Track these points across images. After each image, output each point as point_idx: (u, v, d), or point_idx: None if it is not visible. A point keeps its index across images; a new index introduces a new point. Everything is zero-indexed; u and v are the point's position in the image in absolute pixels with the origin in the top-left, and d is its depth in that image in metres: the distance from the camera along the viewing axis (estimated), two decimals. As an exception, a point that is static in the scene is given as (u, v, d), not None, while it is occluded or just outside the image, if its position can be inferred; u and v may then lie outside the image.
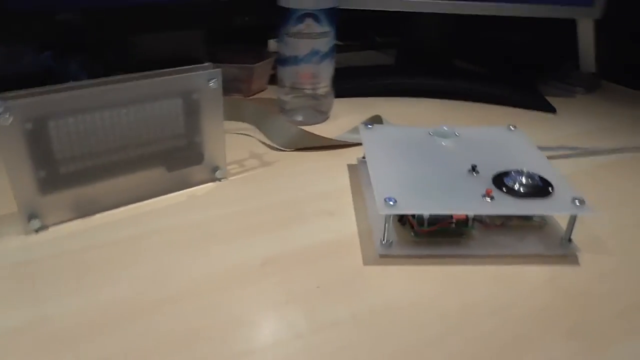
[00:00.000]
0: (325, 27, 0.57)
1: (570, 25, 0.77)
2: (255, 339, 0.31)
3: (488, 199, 0.38)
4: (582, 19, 0.74)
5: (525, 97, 0.71)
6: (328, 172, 0.51)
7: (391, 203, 0.37)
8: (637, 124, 0.66)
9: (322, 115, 0.63)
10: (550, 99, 0.72)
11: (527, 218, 0.42)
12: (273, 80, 0.74)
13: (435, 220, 0.39)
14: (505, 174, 0.41)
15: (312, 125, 0.61)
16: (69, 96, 0.39)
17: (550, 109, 0.69)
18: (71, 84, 0.40)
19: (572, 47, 0.79)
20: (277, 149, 0.55)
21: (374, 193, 0.39)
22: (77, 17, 0.56)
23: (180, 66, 0.44)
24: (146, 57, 0.71)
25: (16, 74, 0.62)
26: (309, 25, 0.56)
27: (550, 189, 0.40)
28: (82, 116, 0.40)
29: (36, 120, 0.38)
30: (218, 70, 0.45)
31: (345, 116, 0.65)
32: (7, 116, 0.36)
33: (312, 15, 0.56)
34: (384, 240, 0.39)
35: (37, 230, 0.41)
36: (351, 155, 0.54)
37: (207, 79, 0.44)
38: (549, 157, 0.48)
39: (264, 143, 0.57)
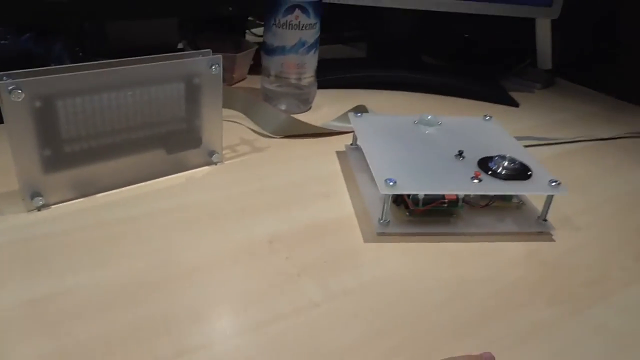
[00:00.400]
0: (313, 19, 0.60)
1: (527, 24, 0.82)
2: (274, 309, 0.34)
3: (476, 181, 0.42)
4: (541, 18, 0.80)
5: (491, 92, 0.77)
6: (318, 158, 0.54)
7: (391, 184, 0.40)
8: (589, 117, 0.73)
9: (305, 104, 0.65)
10: (511, 94, 0.77)
11: (507, 199, 0.46)
12: (252, 69, 0.75)
13: (429, 200, 0.42)
14: (489, 158, 0.45)
15: (296, 114, 0.63)
16: (78, 77, 0.39)
17: (514, 103, 0.75)
18: (79, 65, 0.40)
19: (528, 45, 0.85)
20: (266, 136, 0.57)
21: (374, 175, 0.42)
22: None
23: (155, 53, 0.44)
24: (124, 42, 0.71)
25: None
26: (297, 17, 0.58)
27: (529, 172, 0.44)
28: (89, 97, 0.41)
29: (45, 99, 0.38)
30: (219, 56, 0.46)
31: (326, 106, 0.67)
32: (20, 92, 0.36)
33: (301, 7, 0.58)
34: (382, 219, 0.42)
35: (39, 208, 0.41)
36: (338, 143, 0.57)
37: (209, 65, 0.46)
38: (522, 146, 0.53)
39: (253, 130, 0.58)
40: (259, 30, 0.90)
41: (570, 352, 0.33)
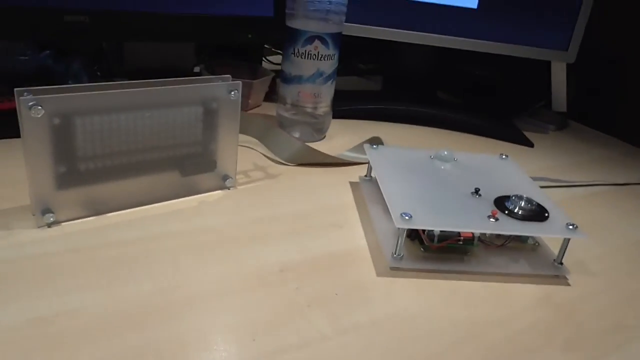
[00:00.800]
0: (332, 50, 0.60)
1: (543, 65, 0.83)
2: (283, 340, 0.33)
3: (493, 220, 0.41)
4: (557, 62, 0.81)
5: (505, 130, 0.76)
6: (332, 187, 0.53)
7: (407, 218, 0.39)
8: (605, 161, 0.72)
9: (319, 133, 0.65)
10: (526, 134, 0.77)
11: (523, 240, 0.45)
12: (267, 97, 0.76)
13: (444, 237, 0.41)
14: (506, 198, 0.45)
15: (310, 143, 0.63)
16: (98, 96, 0.40)
17: (528, 143, 0.74)
18: (99, 84, 0.40)
19: (544, 87, 0.85)
20: (280, 163, 0.57)
21: (390, 208, 0.41)
22: (80, 18, 0.56)
23: (171, 76, 0.45)
24: (141, 63, 0.72)
25: (14, 71, 0.61)
26: (316, 47, 0.59)
27: (546, 214, 0.43)
28: (107, 116, 0.41)
29: (64, 116, 0.39)
30: (239, 82, 0.46)
31: (340, 136, 0.67)
32: (40, 108, 0.37)
33: (320, 38, 0.59)
34: (395, 253, 0.41)
35: (49, 225, 0.41)
36: (352, 174, 0.56)
37: (228, 90, 0.46)
38: (538, 186, 0.52)
39: (267, 156, 0.58)
40: (275, 58, 0.92)
41: (588, 403, 0.31)
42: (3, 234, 0.39)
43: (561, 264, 0.44)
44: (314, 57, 0.59)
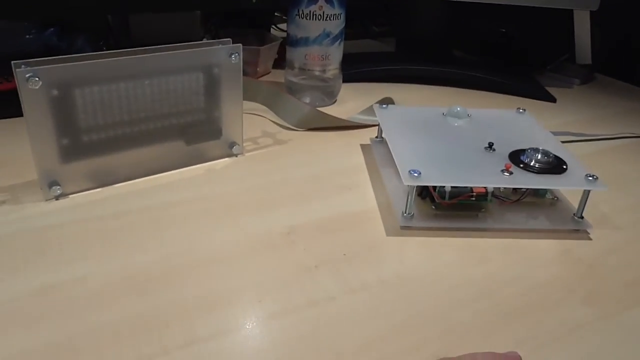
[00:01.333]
0: (337, 10, 0.58)
1: (564, 17, 0.79)
2: (289, 301, 0.32)
3: (507, 174, 0.40)
4: (579, 10, 0.76)
5: (526, 86, 0.73)
6: (342, 150, 0.52)
7: (415, 175, 0.38)
8: (631, 113, 0.69)
9: (330, 97, 0.64)
10: (548, 89, 0.74)
11: (540, 195, 0.43)
12: (277, 64, 0.74)
13: (456, 193, 0.40)
14: (521, 151, 0.43)
15: (321, 108, 0.61)
16: (95, 65, 0.39)
17: (550, 99, 0.71)
18: (97, 53, 0.40)
19: (566, 40, 0.81)
20: (289, 129, 0.56)
21: (397, 166, 0.40)
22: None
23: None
24: (147, 37, 0.71)
25: (19, 49, 0.61)
26: (321, 7, 0.57)
27: (564, 166, 0.41)
28: (106, 86, 0.40)
29: (62, 87, 0.38)
30: (239, 45, 0.45)
31: (352, 100, 0.65)
32: (37, 80, 0.36)
33: (325, -3, 0.57)
34: (405, 212, 0.40)
35: (57, 198, 0.41)
36: (363, 136, 0.55)
37: (228, 53, 0.45)
38: (557, 139, 0.50)
39: (275, 123, 0.57)
40: (285, 26, 0.90)
41: (605, 354, 0.30)
42: (12, 207, 0.40)
43: (582, 217, 0.42)
44: (319, 17, 0.58)
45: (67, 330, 0.29)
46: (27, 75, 0.36)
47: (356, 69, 0.72)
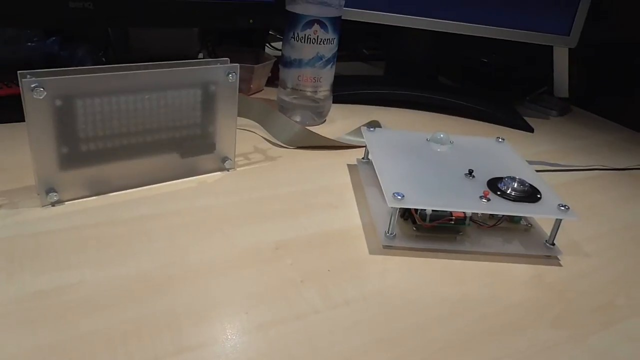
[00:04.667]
0: (331, 34, 0.61)
1: (545, 51, 0.83)
2: (275, 313, 0.34)
3: (485, 200, 0.42)
4: (558, 47, 0.80)
5: (506, 115, 0.77)
6: (329, 169, 0.54)
7: (399, 197, 0.40)
8: (603, 146, 0.72)
9: (320, 117, 0.66)
10: (526, 119, 0.77)
11: (515, 221, 0.46)
12: (270, 82, 0.77)
13: (436, 216, 0.42)
14: (499, 179, 0.45)
15: (310, 127, 0.64)
16: (98, 78, 0.41)
17: (528, 128, 0.75)
18: (100, 67, 0.41)
19: (546, 72, 0.85)
20: (279, 146, 0.58)
21: (383, 188, 0.42)
22: (85, 4, 0.57)
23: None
24: (146, 51, 0.73)
25: (21, 58, 0.62)
26: (316, 32, 0.59)
27: (538, 195, 0.44)
28: (107, 98, 0.42)
29: (66, 98, 0.40)
30: (236, 65, 0.47)
31: (340, 120, 0.68)
32: (42, 90, 0.38)
33: (320, 22, 0.59)
34: (388, 232, 0.42)
35: (53, 204, 0.42)
36: (350, 156, 0.57)
37: (226, 72, 0.47)
38: (533, 169, 0.52)
39: (266, 139, 0.59)
40: (279, 45, 0.92)
41: (571, 376, 0.32)
42: (9, 212, 0.41)
43: (553, 244, 0.44)
44: (314, 41, 0.60)
45: (60, 336, 0.30)
46: (32, 85, 0.38)
47: (346, 91, 0.74)
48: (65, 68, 0.40)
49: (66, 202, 0.43)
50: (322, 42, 0.60)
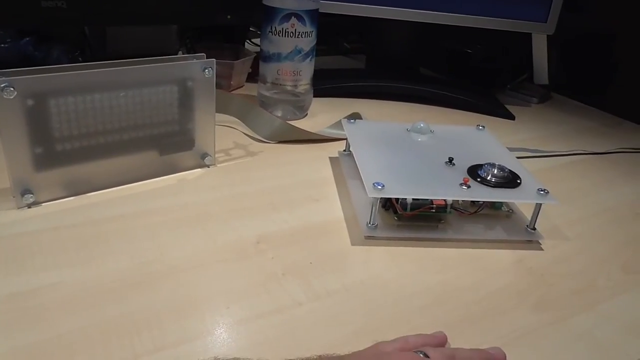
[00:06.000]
0: (309, 28, 0.60)
1: (525, 40, 0.83)
2: (256, 307, 0.34)
3: (465, 187, 0.42)
4: (537, 34, 0.81)
5: (487, 104, 0.77)
6: (311, 163, 0.54)
7: (379, 187, 0.40)
8: (584, 131, 0.73)
9: (301, 111, 0.66)
10: (507, 107, 0.78)
11: (496, 207, 0.46)
12: (250, 78, 0.76)
13: (417, 205, 0.42)
14: (479, 166, 0.45)
15: (292, 121, 0.63)
16: (71, 76, 0.40)
17: (510, 116, 0.75)
18: (73, 65, 0.41)
19: (526, 61, 0.85)
20: (261, 141, 0.58)
21: (363, 178, 0.42)
22: (57, 3, 0.56)
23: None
24: (124, 50, 0.72)
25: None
26: (293, 25, 0.59)
27: (518, 180, 0.44)
28: (81, 97, 0.41)
29: (38, 97, 0.39)
30: (212, 60, 0.47)
31: (322, 114, 0.68)
32: (12, 90, 0.37)
33: (297, 15, 0.59)
34: (370, 222, 0.42)
35: (29, 206, 0.41)
36: (332, 149, 0.57)
37: (202, 68, 0.46)
38: (514, 155, 0.53)
39: (247, 135, 0.59)
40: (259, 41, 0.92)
41: (554, 358, 0.32)
42: (-17, 215, 0.40)
43: (534, 229, 0.44)
44: (292, 34, 0.60)
45: (38, 337, 0.30)
46: (2, 85, 0.37)
47: (327, 85, 0.74)
48: (37, 67, 0.39)
49: (43, 204, 0.42)
50: (300, 36, 0.60)
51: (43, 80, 0.39)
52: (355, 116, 0.63)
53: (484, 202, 0.44)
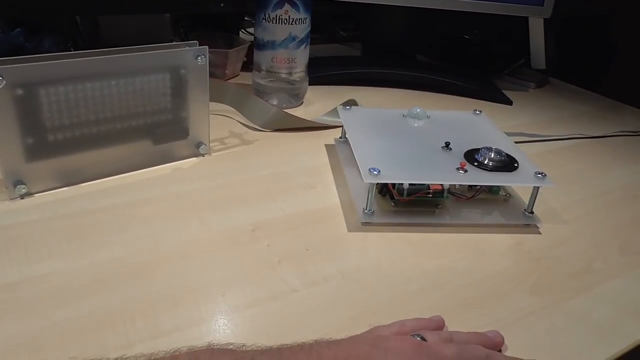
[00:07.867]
0: (303, 14, 0.60)
1: (523, 25, 0.82)
2: (252, 294, 0.33)
3: (462, 172, 0.42)
4: (533, 18, 0.80)
5: (484, 89, 0.76)
6: (307, 150, 0.54)
7: (375, 173, 0.40)
8: (581, 115, 0.73)
9: (296, 99, 0.65)
10: (505, 92, 0.77)
11: (494, 192, 0.46)
12: (245, 67, 0.75)
13: (413, 190, 0.42)
14: (476, 150, 0.45)
15: (287, 109, 0.63)
16: (60, 65, 0.39)
17: (507, 101, 0.74)
18: (63, 54, 0.40)
19: (523, 46, 0.85)
20: (256, 129, 0.57)
21: (358, 164, 0.42)
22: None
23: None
24: (117, 39, 0.71)
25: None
26: (287, 11, 0.58)
27: (515, 164, 0.44)
28: (73, 85, 0.41)
29: (27, 87, 0.38)
30: (205, 47, 0.46)
31: (318, 102, 0.67)
32: (1, 79, 0.37)
33: (290, 2, 0.58)
34: (366, 208, 0.42)
35: (22, 197, 0.41)
36: (328, 137, 0.57)
37: (194, 55, 0.46)
38: (511, 140, 0.52)
39: (243, 124, 0.58)
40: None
41: (551, 340, 0.32)
42: (-24, 207, 0.40)
43: (532, 213, 0.44)
44: (285, 21, 0.59)
45: (31, 326, 0.29)
46: (-10, 75, 0.37)
47: (322, 72, 0.74)
48: (26, 56, 0.39)
49: (36, 194, 0.42)
50: (294, 22, 0.59)
51: (32, 69, 0.38)
52: (351, 103, 0.62)
53: (481, 186, 0.44)
